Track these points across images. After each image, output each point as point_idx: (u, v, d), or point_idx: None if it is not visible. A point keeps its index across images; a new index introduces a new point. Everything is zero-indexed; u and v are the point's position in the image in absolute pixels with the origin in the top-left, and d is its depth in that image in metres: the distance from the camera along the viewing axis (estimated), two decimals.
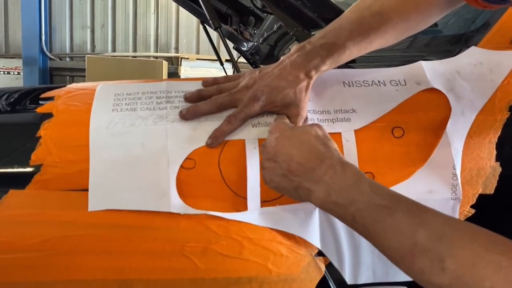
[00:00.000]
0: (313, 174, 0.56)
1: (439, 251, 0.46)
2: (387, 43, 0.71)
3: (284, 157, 0.59)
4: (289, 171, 0.58)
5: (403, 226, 0.49)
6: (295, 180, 0.58)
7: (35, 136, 0.66)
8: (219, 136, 0.65)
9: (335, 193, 0.54)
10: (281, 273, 0.63)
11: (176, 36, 5.59)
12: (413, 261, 0.48)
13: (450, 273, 0.45)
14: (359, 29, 0.68)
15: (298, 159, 0.58)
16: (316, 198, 0.56)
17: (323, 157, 0.58)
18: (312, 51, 0.67)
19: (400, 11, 0.68)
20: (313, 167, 0.57)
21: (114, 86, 0.75)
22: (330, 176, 0.56)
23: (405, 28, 0.71)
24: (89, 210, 0.61)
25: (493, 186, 0.68)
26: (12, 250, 0.60)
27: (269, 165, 0.61)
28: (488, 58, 0.74)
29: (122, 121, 0.67)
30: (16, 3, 5.60)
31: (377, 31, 0.68)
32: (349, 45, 0.67)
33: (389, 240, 0.50)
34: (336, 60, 0.68)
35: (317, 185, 0.56)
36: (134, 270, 0.61)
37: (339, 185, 0.55)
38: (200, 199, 0.64)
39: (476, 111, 0.70)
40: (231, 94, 0.68)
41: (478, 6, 0.64)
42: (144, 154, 0.64)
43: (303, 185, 0.57)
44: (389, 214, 0.51)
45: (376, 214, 0.51)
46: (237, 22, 1.48)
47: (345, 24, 0.69)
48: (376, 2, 0.69)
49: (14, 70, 5.69)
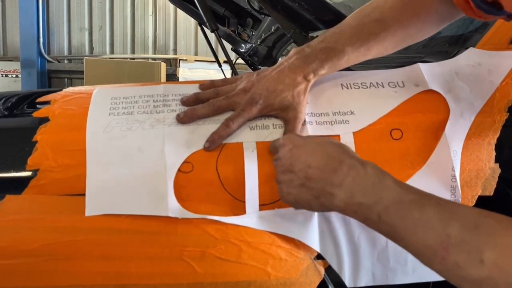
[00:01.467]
0: (334, 177, 0.54)
1: (476, 241, 0.43)
2: (385, 50, 0.71)
3: (301, 165, 0.57)
4: (307, 179, 0.56)
5: (434, 220, 0.46)
6: (315, 187, 0.55)
7: (32, 140, 0.65)
8: (217, 140, 0.65)
9: (359, 194, 0.52)
10: (280, 276, 0.63)
11: (174, 38, 5.59)
12: (446, 256, 0.44)
13: (489, 264, 0.42)
14: (359, 35, 0.68)
15: (316, 165, 0.56)
16: (339, 201, 0.53)
17: (342, 158, 0.55)
18: (311, 54, 0.67)
19: (400, 19, 0.68)
20: (333, 170, 0.54)
21: (110, 89, 0.75)
22: (352, 177, 0.53)
23: (405, 36, 0.70)
24: (86, 215, 0.60)
25: (493, 187, 0.68)
26: (10, 255, 0.59)
27: (285, 177, 0.58)
28: (486, 59, 0.74)
29: (119, 125, 0.66)
30: (14, 6, 5.60)
31: (376, 38, 0.68)
32: (348, 50, 0.67)
33: (419, 236, 0.47)
34: (335, 65, 0.68)
35: (339, 188, 0.53)
36: (132, 275, 0.61)
37: (363, 185, 0.52)
38: (198, 202, 0.63)
39: (475, 112, 0.70)
40: (228, 98, 0.68)
41: (474, 16, 0.65)
42: (141, 158, 0.63)
43: (324, 190, 0.54)
44: (417, 209, 0.48)
45: (404, 210, 0.49)
46: (235, 23, 1.48)
47: (345, 29, 0.69)
48: (376, 10, 0.69)
49: (12, 73, 5.68)
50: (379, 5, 0.70)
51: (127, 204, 0.61)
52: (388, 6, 0.69)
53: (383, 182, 0.52)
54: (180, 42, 5.59)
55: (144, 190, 0.62)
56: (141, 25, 5.60)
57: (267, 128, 0.67)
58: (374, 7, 0.70)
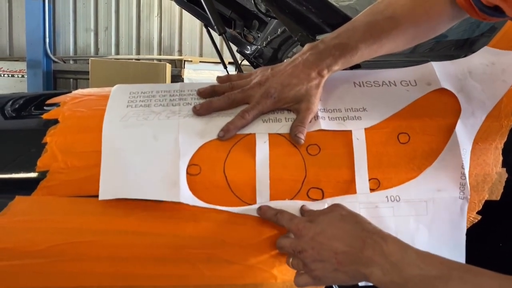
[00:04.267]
0: (362, 257, 0.55)
1: None
2: (397, 48, 0.72)
3: (328, 253, 0.57)
4: (339, 264, 0.57)
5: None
6: (349, 270, 0.56)
7: (41, 142, 0.66)
8: (232, 130, 0.66)
9: (389, 273, 0.53)
10: (287, 279, 0.63)
11: (179, 39, 5.61)
12: None
13: None
14: (372, 32, 0.69)
15: (342, 249, 0.57)
16: (374, 280, 0.55)
17: (363, 236, 0.57)
18: (325, 50, 0.68)
19: (411, 17, 0.70)
20: (359, 251, 0.56)
21: (129, 86, 0.76)
22: (378, 255, 0.55)
23: (415, 34, 0.72)
24: (100, 198, 0.61)
25: (499, 192, 0.68)
26: (19, 256, 0.60)
27: (317, 266, 0.58)
28: (501, 58, 0.74)
29: (135, 116, 0.68)
30: (20, 6, 5.63)
31: (388, 35, 0.69)
32: (361, 47, 0.68)
33: None
34: (348, 61, 0.69)
35: (370, 267, 0.55)
36: (140, 277, 0.61)
37: (390, 263, 0.54)
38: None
39: (486, 111, 0.70)
40: (244, 91, 0.69)
41: (478, 17, 0.66)
42: (156, 146, 0.64)
43: (358, 271, 0.56)
44: (442, 284, 0.50)
45: (430, 286, 0.51)
46: (241, 25, 1.48)
47: (358, 26, 0.71)
48: (389, 7, 0.71)
49: (18, 73, 5.71)
50: (391, 3, 0.72)
51: (140, 189, 0.62)
52: (400, 4, 0.71)
53: (406, 259, 0.54)
54: (185, 43, 5.61)
55: (157, 176, 0.62)
56: (146, 26, 5.62)
57: (280, 121, 0.68)
58: (386, 5, 0.72)
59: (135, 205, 0.62)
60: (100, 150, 0.64)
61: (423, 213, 0.66)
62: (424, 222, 0.66)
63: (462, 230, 0.67)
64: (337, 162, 0.66)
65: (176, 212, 0.62)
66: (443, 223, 0.67)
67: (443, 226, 0.67)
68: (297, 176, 0.65)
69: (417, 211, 0.66)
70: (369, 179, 0.66)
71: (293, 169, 0.65)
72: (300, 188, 0.65)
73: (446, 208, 0.67)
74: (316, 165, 0.66)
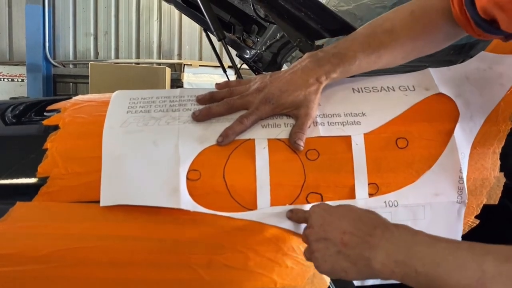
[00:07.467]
0: (370, 241, 0.54)
1: (510, 272, 0.44)
2: (394, 60, 0.73)
3: (335, 232, 0.56)
4: (344, 245, 0.55)
5: (468, 259, 0.48)
6: (352, 253, 0.54)
7: (42, 148, 0.66)
8: (230, 135, 0.66)
9: (394, 252, 0.52)
10: (286, 284, 0.64)
11: (179, 43, 5.62)
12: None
13: None
14: (370, 43, 0.70)
15: (351, 230, 0.55)
16: (376, 264, 0.53)
17: (375, 222, 0.56)
18: (324, 58, 0.69)
19: (409, 31, 0.71)
20: (368, 234, 0.54)
21: (129, 92, 0.77)
22: (387, 239, 0.53)
23: (412, 48, 0.73)
24: (101, 205, 0.62)
25: (498, 196, 0.68)
26: (20, 262, 0.60)
27: (319, 245, 0.57)
28: (498, 62, 0.75)
29: (136, 121, 0.69)
30: (20, 11, 5.64)
31: (387, 47, 0.71)
32: (359, 56, 0.69)
33: (455, 279, 0.47)
34: (347, 69, 0.70)
35: (376, 250, 0.53)
36: (140, 282, 0.61)
37: (397, 244, 0.53)
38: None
39: (484, 115, 0.70)
40: (242, 97, 0.70)
41: (474, 34, 0.67)
42: (156, 152, 0.65)
43: (362, 255, 0.54)
44: (451, 253, 0.49)
45: (438, 257, 0.49)
46: (240, 30, 1.49)
47: (357, 37, 0.72)
48: (388, 21, 0.73)
49: (18, 77, 5.72)
50: (390, 17, 0.74)
51: (140, 195, 0.62)
52: (398, 19, 0.72)
53: (415, 237, 0.53)
54: (185, 47, 5.62)
55: (157, 183, 0.63)
56: (146, 30, 5.63)
57: (279, 126, 0.68)
58: (385, 19, 0.74)
59: (135, 210, 0.62)
60: (100, 156, 0.65)
61: (421, 217, 0.67)
62: (422, 226, 0.66)
63: (458, 233, 0.68)
64: (336, 167, 0.67)
65: (176, 217, 0.63)
66: (440, 226, 0.67)
67: (440, 230, 0.67)
68: (296, 181, 0.65)
69: (415, 215, 0.67)
70: (368, 184, 0.66)
71: (293, 174, 0.66)
72: (299, 193, 0.65)
73: (443, 212, 0.67)
74: (315, 170, 0.66)
